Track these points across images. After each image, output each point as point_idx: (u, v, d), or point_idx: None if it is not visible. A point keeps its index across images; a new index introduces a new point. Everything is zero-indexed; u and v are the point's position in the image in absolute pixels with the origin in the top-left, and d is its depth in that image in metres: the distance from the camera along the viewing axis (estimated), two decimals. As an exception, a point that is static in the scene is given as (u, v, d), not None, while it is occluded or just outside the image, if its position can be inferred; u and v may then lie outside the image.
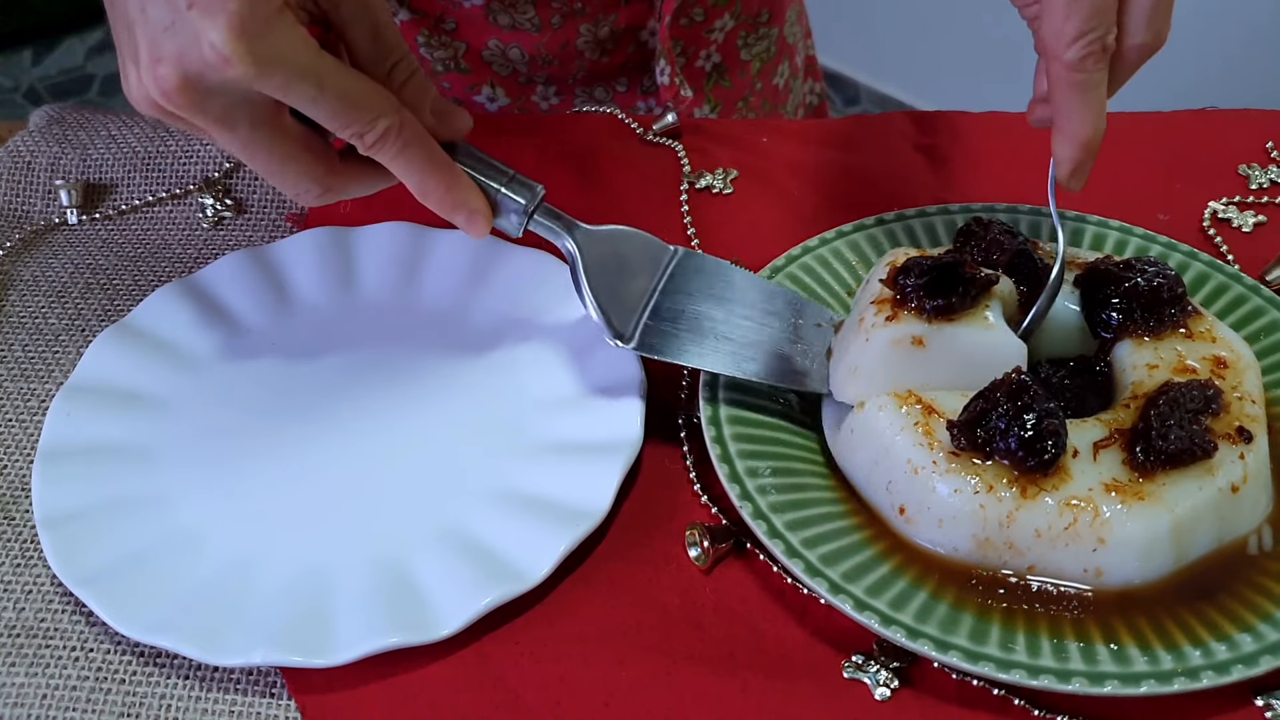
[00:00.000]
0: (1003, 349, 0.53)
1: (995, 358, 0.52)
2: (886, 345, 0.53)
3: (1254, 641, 0.46)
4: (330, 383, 0.61)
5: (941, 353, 0.53)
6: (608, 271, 0.57)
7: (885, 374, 0.53)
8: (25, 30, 2.59)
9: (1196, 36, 1.85)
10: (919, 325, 0.52)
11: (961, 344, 0.52)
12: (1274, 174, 0.72)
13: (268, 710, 0.48)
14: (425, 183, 0.53)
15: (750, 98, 0.92)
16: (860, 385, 0.54)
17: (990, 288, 0.54)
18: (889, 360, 0.53)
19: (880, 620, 0.47)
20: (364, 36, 0.51)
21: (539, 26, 0.81)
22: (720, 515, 0.54)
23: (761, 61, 0.91)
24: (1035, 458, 0.48)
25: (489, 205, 0.55)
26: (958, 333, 0.52)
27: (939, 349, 0.52)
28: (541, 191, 0.56)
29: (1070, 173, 0.53)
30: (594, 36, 0.82)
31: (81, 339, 0.64)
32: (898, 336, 0.52)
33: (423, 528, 0.53)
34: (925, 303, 0.52)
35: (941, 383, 0.53)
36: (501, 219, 0.56)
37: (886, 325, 0.53)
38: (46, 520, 0.52)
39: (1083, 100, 0.52)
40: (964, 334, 0.52)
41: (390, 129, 0.50)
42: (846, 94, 2.49)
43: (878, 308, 0.54)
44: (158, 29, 0.45)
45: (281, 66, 0.45)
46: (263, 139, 0.49)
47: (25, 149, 0.74)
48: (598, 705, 0.47)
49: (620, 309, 0.56)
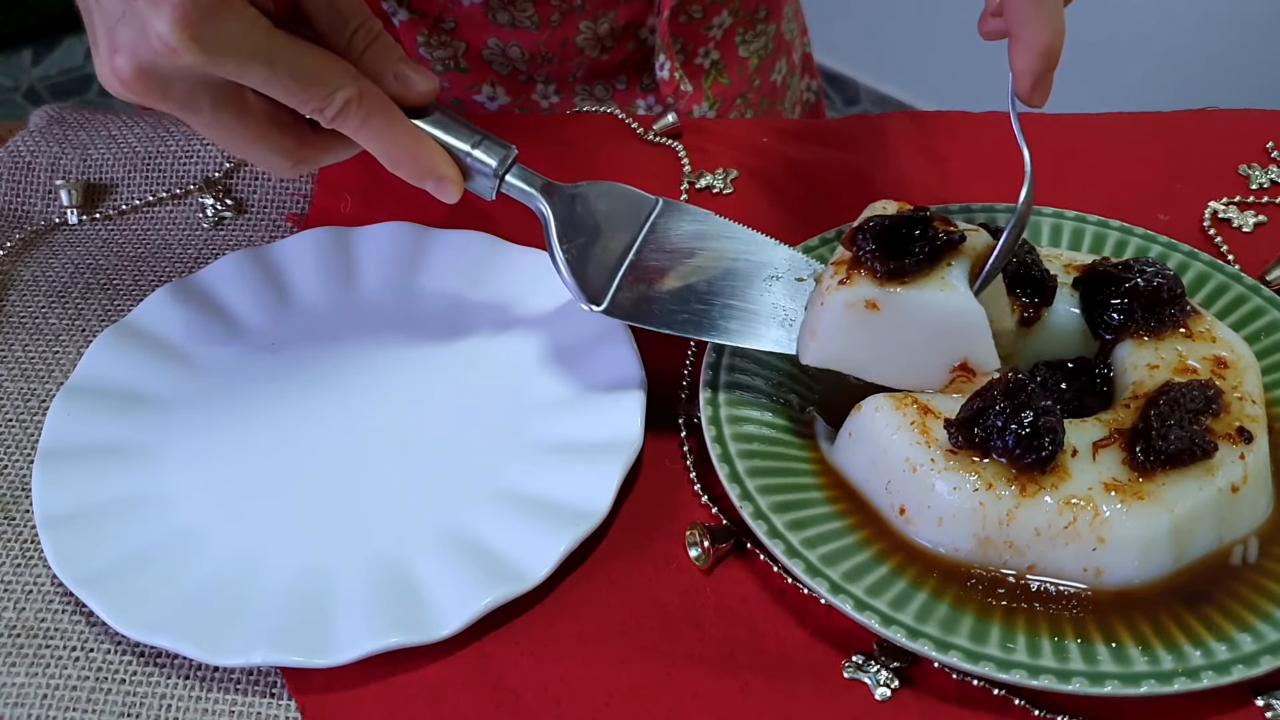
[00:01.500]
0: (959, 313, 0.50)
1: (951, 322, 0.50)
2: (840, 309, 0.51)
3: (1254, 641, 0.46)
4: (330, 383, 0.61)
5: (896, 317, 0.51)
6: (584, 231, 0.56)
7: (840, 338, 0.52)
8: (25, 30, 2.59)
9: (1197, 36, 1.85)
10: (872, 288, 0.51)
11: (916, 306, 0.51)
12: (1274, 174, 0.72)
13: (268, 710, 0.48)
14: (391, 152, 0.52)
15: (749, 94, 0.92)
16: (819, 349, 0.53)
17: (953, 247, 0.51)
18: (844, 325, 0.51)
19: (880, 620, 0.47)
20: (321, 5, 0.51)
21: (538, 24, 0.81)
22: (720, 515, 0.54)
23: (759, 58, 0.91)
24: (1032, 455, 0.48)
25: (459, 170, 0.54)
26: (911, 296, 0.50)
27: (893, 313, 0.51)
28: (514, 152, 0.55)
29: (1031, 86, 0.51)
30: (593, 33, 0.82)
31: (81, 339, 0.64)
32: (850, 300, 0.51)
33: (423, 528, 0.53)
34: (878, 265, 0.51)
35: (898, 348, 0.51)
36: (473, 183, 0.55)
37: (840, 289, 0.51)
38: (46, 520, 0.52)
39: (1038, 4, 0.49)
40: (918, 297, 0.50)
41: (350, 101, 0.50)
42: (846, 94, 2.49)
43: (835, 269, 0.53)
44: (111, 19, 0.46)
45: (230, 51, 0.45)
46: (227, 119, 0.49)
47: (25, 149, 0.74)
48: (598, 705, 0.47)
49: (596, 271, 0.55)
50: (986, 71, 1.58)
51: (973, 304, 0.51)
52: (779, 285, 0.57)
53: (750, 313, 0.56)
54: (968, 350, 0.52)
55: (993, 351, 0.52)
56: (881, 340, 0.52)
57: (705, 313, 0.55)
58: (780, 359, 0.58)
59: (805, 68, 1.02)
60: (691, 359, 0.62)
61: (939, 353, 0.51)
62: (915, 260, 0.50)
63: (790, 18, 0.95)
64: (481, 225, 0.68)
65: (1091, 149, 0.75)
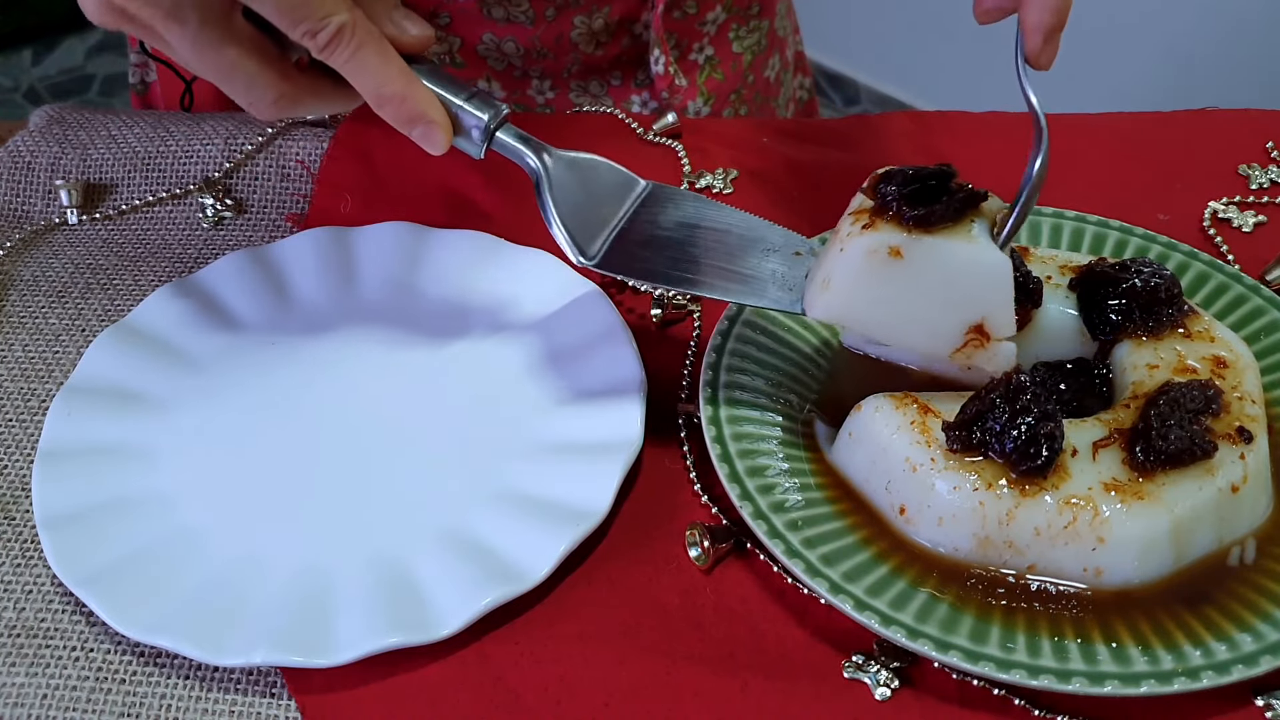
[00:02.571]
0: (986, 266, 0.49)
1: (977, 274, 0.49)
2: (861, 255, 0.50)
3: (1254, 641, 0.46)
4: (330, 382, 0.61)
5: (920, 266, 0.49)
6: (574, 195, 0.54)
7: (858, 287, 0.50)
8: (25, 30, 2.59)
9: (1197, 36, 1.85)
10: (897, 235, 0.49)
11: (942, 256, 0.49)
12: (1274, 174, 0.72)
13: (268, 710, 0.48)
14: (381, 89, 0.51)
15: (742, 90, 0.92)
16: (831, 299, 0.51)
17: (978, 203, 0.50)
18: (863, 272, 0.50)
19: (880, 620, 0.47)
20: None
21: (533, 19, 0.81)
22: (720, 515, 0.54)
23: (753, 54, 0.92)
24: (1029, 462, 0.48)
25: (448, 120, 0.53)
26: (938, 245, 0.49)
27: (917, 262, 0.49)
28: (505, 110, 0.54)
29: (1041, 42, 0.49)
30: (588, 29, 0.83)
31: (81, 339, 0.64)
32: (874, 245, 0.49)
33: (423, 528, 0.53)
34: (905, 211, 0.49)
35: (916, 301, 0.50)
36: (462, 138, 0.54)
37: (863, 234, 0.49)
38: (46, 520, 0.52)
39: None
40: (945, 246, 0.49)
41: (344, 28, 0.49)
42: (846, 94, 2.49)
43: (855, 217, 0.51)
44: None
45: None
46: (212, 37, 0.48)
47: (25, 149, 0.74)
48: (598, 705, 0.47)
49: (587, 228, 0.54)
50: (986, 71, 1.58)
51: (1000, 257, 0.49)
52: (776, 257, 0.55)
53: (748, 276, 0.54)
54: (988, 309, 0.50)
55: (1012, 315, 0.50)
56: (900, 292, 0.50)
57: (698, 271, 0.54)
58: (780, 359, 0.58)
59: (798, 65, 1.02)
60: (691, 359, 0.62)
61: (958, 309, 0.49)
62: (944, 208, 0.49)
63: (783, 15, 0.96)
64: (481, 225, 0.68)
65: (1091, 149, 0.75)
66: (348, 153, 0.74)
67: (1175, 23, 1.85)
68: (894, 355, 0.59)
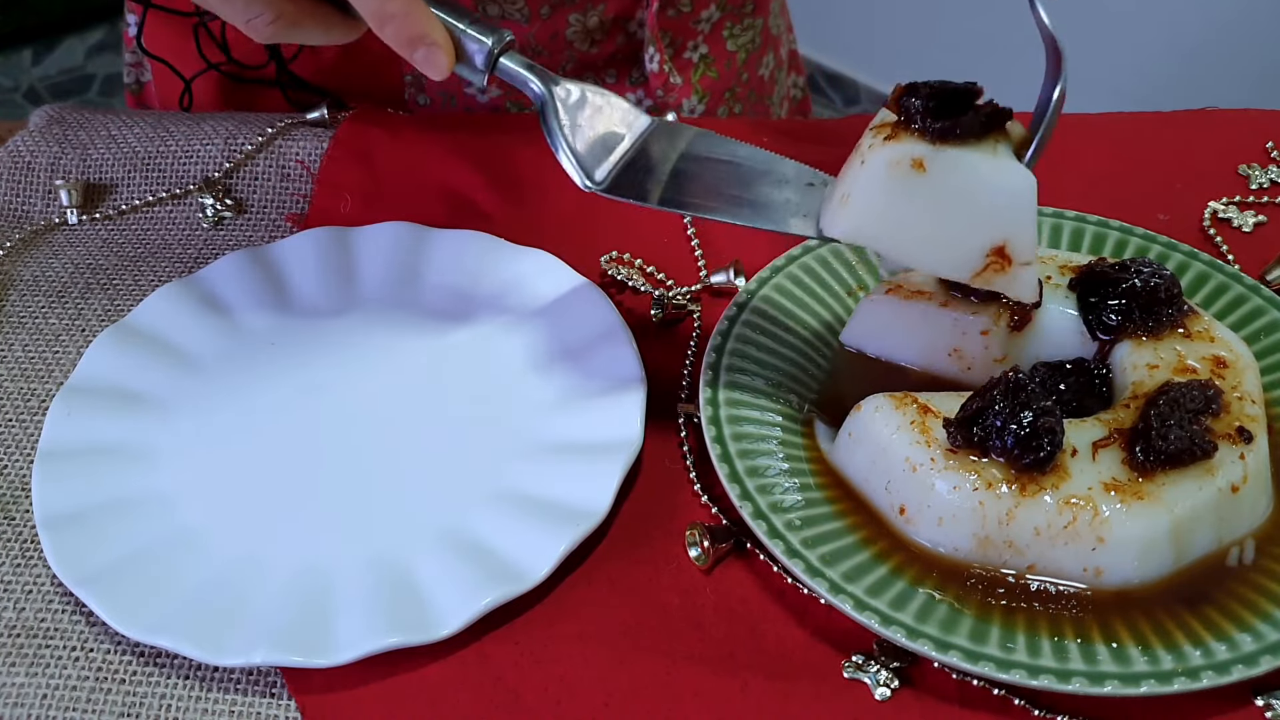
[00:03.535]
0: (1012, 181, 0.48)
1: (1002, 192, 0.47)
2: (883, 168, 0.48)
3: (1254, 641, 0.46)
4: (330, 382, 0.61)
5: (943, 180, 0.48)
6: (581, 121, 0.53)
7: (879, 201, 0.49)
8: (25, 30, 2.59)
9: (1197, 36, 1.85)
10: (922, 146, 0.48)
11: (967, 170, 0.48)
12: (1274, 174, 0.72)
13: (268, 710, 0.48)
14: (382, 9, 0.50)
15: (737, 88, 0.92)
16: (851, 215, 0.49)
17: (1003, 122, 0.48)
18: (885, 185, 0.48)
19: (880, 620, 0.47)
20: None
21: (528, 17, 0.81)
22: (720, 515, 0.54)
23: (747, 52, 0.92)
24: (1030, 455, 0.48)
25: (451, 43, 0.52)
26: (963, 157, 0.47)
27: (941, 175, 0.48)
28: (509, 36, 0.53)
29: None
30: (583, 26, 0.83)
31: (81, 339, 0.64)
32: (896, 157, 0.48)
33: (423, 528, 0.53)
34: (930, 123, 0.47)
35: (939, 218, 0.48)
36: (464, 65, 0.53)
37: (885, 145, 0.48)
38: (46, 520, 0.52)
39: None
40: (970, 159, 0.47)
41: None
42: (846, 94, 2.49)
43: (876, 131, 0.49)
44: None
45: None
46: None
47: (25, 149, 0.74)
48: (598, 705, 0.47)
49: (595, 153, 0.53)
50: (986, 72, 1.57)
51: (1026, 175, 0.48)
52: (789, 188, 0.54)
53: (762, 204, 0.53)
54: (1011, 230, 0.49)
55: (1034, 239, 0.49)
56: (922, 208, 0.48)
57: (712, 199, 0.52)
58: (780, 359, 0.58)
59: (792, 64, 1.03)
60: (691, 359, 0.62)
61: (981, 228, 0.48)
62: (970, 121, 0.47)
63: (777, 13, 0.96)
64: (481, 225, 0.68)
65: (1091, 149, 0.75)
66: (348, 153, 0.74)
67: (1176, 22, 1.85)
68: (894, 355, 0.59)
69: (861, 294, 0.62)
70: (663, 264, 0.68)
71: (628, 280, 0.66)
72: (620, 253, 0.68)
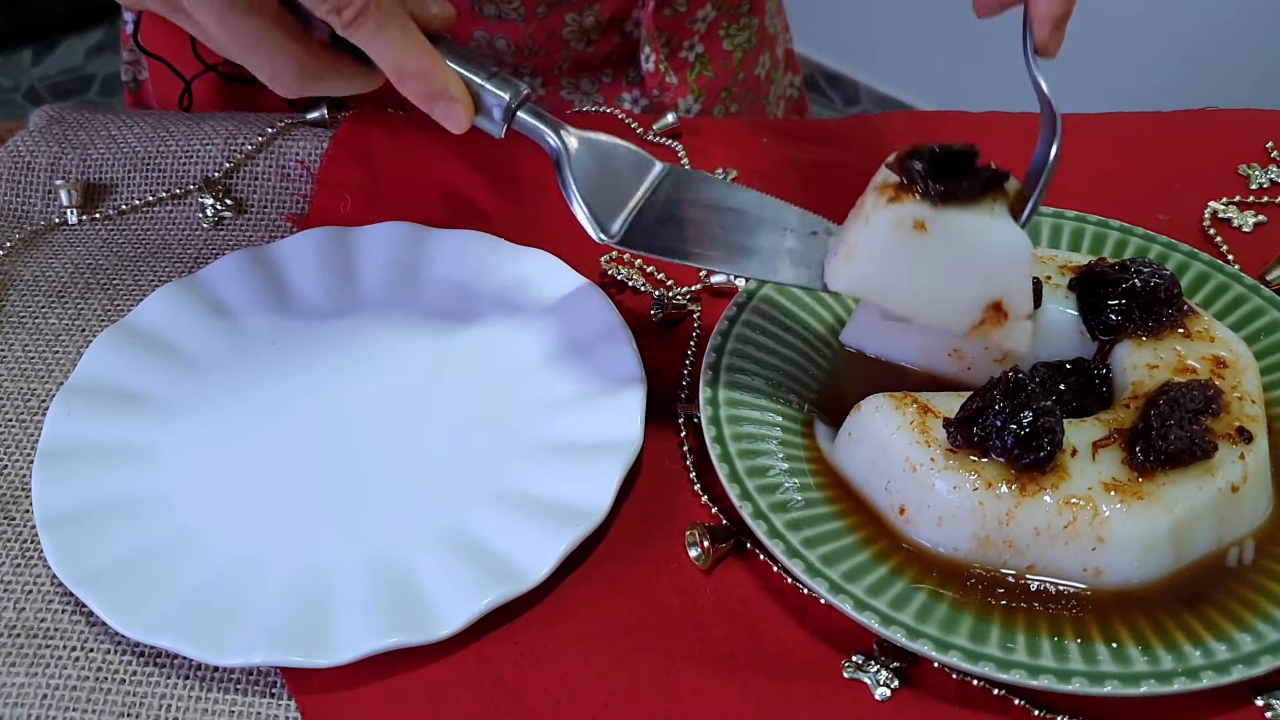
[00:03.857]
0: (1008, 242, 0.50)
1: (998, 251, 0.50)
2: (887, 227, 0.51)
3: (1254, 641, 0.46)
4: (330, 382, 0.61)
5: (944, 239, 0.50)
6: (594, 174, 0.55)
7: (882, 259, 0.51)
8: (25, 30, 2.59)
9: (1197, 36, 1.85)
10: (923, 208, 0.50)
11: (966, 231, 0.50)
12: (1274, 174, 0.72)
13: (268, 710, 0.48)
14: (403, 66, 0.52)
15: (733, 88, 0.93)
16: (855, 270, 0.52)
17: (1000, 183, 0.51)
18: (888, 243, 0.51)
19: (880, 620, 0.47)
20: None
21: (524, 16, 0.81)
22: (720, 515, 0.54)
23: (743, 52, 0.92)
24: (1030, 455, 0.48)
25: (470, 97, 0.54)
26: (963, 219, 0.50)
27: (941, 235, 0.50)
28: (526, 90, 0.55)
29: (1050, 29, 0.51)
30: (579, 26, 0.83)
31: (81, 339, 0.64)
32: (899, 217, 0.50)
33: (423, 528, 0.53)
34: (931, 186, 0.50)
35: (938, 275, 0.51)
36: (483, 117, 0.55)
37: (889, 206, 0.51)
38: (46, 520, 0.52)
39: None
40: (969, 221, 0.50)
41: (369, 4, 0.49)
42: (846, 94, 2.49)
43: (880, 191, 0.52)
44: None
45: None
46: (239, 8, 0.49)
47: (25, 149, 0.74)
48: (598, 705, 0.47)
49: (608, 205, 0.54)
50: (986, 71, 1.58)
51: (1022, 236, 0.50)
52: (792, 236, 0.56)
53: (767, 253, 0.55)
54: (1006, 287, 0.51)
55: (1030, 294, 0.52)
56: (923, 265, 0.51)
57: (722, 249, 0.54)
58: (780, 359, 0.58)
59: (788, 64, 1.03)
60: (691, 359, 0.62)
61: (978, 284, 0.50)
62: (969, 184, 0.50)
63: (773, 12, 0.96)
64: (481, 225, 0.68)
65: (1091, 149, 0.75)
66: (348, 153, 0.74)
67: (1176, 23, 1.85)
68: (894, 355, 0.59)
69: (861, 294, 0.62)
70: (663, 264, 0.68)
71: (628, 280, 0.66)
72: (620, 253, 0.68)
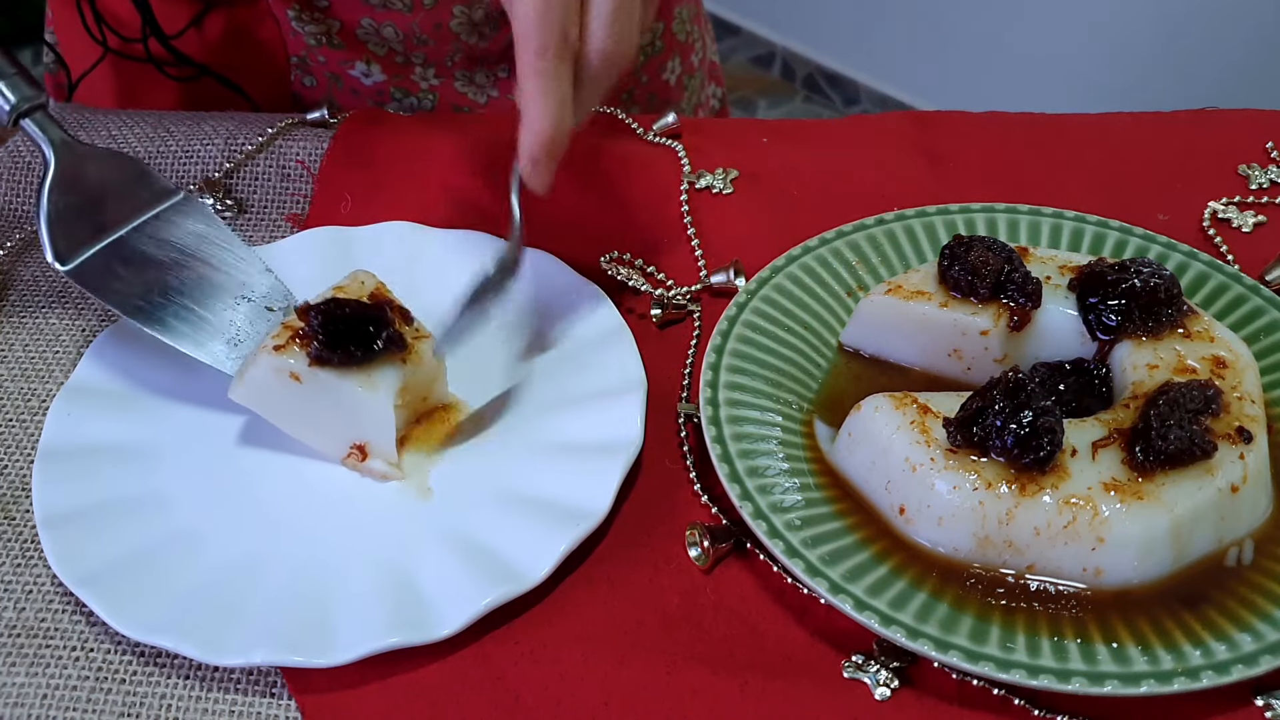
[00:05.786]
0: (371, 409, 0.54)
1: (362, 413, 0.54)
2: (268, 370, 0.54)
3: (1253, 641, 0.46)
4: (330, 383, 0.61)
5: (314, 391, 0.54)
6: (85, 192, 0.56)
7: (261, 393, 0.55)
8: (25, 30, 2.59)
9: (1197, 36, 1.85)
10: (300, 364, 0.54)
11: (331, 391, 0.54)
12: (1274, 174, 0.72)
13: (268, 710, 0.48)
14: None
15: (634, 90, 0.93)
16: (243, 392, 0.56)
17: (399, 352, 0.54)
18: (267, 383, 0.55)
19: (880, 620, 0.47)
20: None
21: (410, 6, 0.82)
22: (720, 515, 0.54)
23: (646, 55, 0.92)
24: (1030, 455, 0.48)
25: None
26: (331, 381, 0.54)
27: (313, 387, 0.54)
28: (42, 99, 0.56)
29: (530, 167, 0.53)
30: (468, 19, 0.83)
31: (81, 339, 0.64)
32: (278, 366, 0.54)
33: (423, 528, 0.53)
34: (315, 349, 0.54)
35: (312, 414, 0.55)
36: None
37: (273, 355, 0.54)
38: (46, 520, 0.52)
39: (543, 89, 0.51)
40: (338, 385, 0.54)
41: None
42: (846, 94, 2.49)
43: (282, 330, 0.55)
44: None
45: None
46: None
47: (25, 149, 0.74)
48: (598, 705, 0.47)
49: (78, 232, 0.56)
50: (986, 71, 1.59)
51: (385, 405, 0.54)
52: (246, 306, 0.59)
53: (205, 321, 0.58)
54: (370, 436, 0.55)
55: (393, 445, 0.55)
56: (299, 404, 0.55)
57: (163, 307, 0.57)
58: (780, 359, 0.58)
59: (710, 75, 1.04)
60: (691, 359, 0.62)
61: (345, 429, 0.55)
62: (352, 357, 0.54)
63: (686, 19, 0.96)
64: (481, 225, 0.68)
65: (1091, 149, 0.75)
66: (348, 153, 0.74)
67: (1175, 22, 1.85)
68: (894, 355, 0.59)
69: (861, 294, 0.62)
70: (663, 264, 0.68)
71: (628, 280, 0.66)
72: (620, 253, 0.68)
